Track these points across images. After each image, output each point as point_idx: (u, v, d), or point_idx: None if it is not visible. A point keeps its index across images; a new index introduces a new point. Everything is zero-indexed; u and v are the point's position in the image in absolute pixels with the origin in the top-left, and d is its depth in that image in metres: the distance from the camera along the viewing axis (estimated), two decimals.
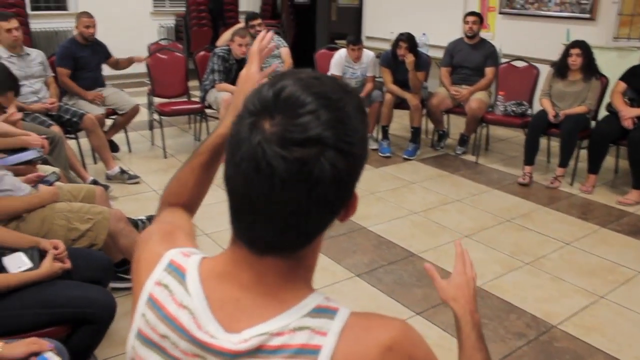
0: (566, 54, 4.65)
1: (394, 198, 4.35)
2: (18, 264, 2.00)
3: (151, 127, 5.59)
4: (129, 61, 5.31)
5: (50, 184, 2.70)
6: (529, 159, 4.73)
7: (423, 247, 3.53)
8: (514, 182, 4.74)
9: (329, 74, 5.55)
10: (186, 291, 0.81)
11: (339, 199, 0.76)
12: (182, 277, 0.83)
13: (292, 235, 0.76)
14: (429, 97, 5.44)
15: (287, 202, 0.72)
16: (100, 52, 5.03)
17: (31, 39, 7.05)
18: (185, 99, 5.53)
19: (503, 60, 5.62)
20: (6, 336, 1.74)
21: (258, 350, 0.75)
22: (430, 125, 5.78)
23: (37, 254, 2.07)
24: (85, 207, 2.63)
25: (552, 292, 3.08)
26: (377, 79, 5.63)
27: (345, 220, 0.81)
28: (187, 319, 0.79)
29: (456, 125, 5.93)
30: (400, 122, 6.16)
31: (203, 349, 0.78)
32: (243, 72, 1.17)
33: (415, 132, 5.36)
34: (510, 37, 6.25)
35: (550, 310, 2.90)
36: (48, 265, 1.99)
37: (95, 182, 4.06)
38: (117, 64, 5.25)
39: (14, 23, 4.23)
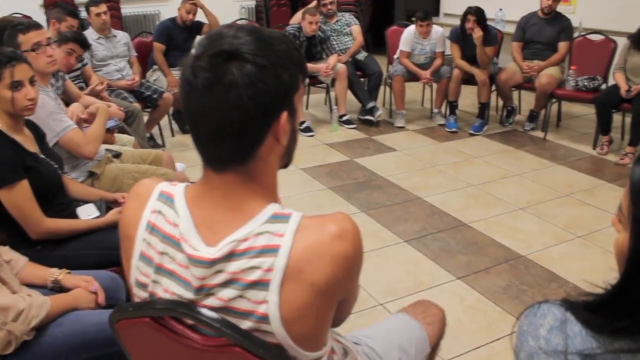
0: None
1: (453, 171, 4.40)
2: (87, 212, 2.31)
3: None
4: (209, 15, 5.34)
5: (111, 129, 3.11)
6: (604, 130, 4.68)
7: (475, 217, 3.58)
8: (581, 158, 4.64)
9: (398, 50, 5.62)
10: (176, 213, 1.00)
11: (259, 108, 0.90)
12: (172, 202, 1.02)
13: (228, 144, 0.92)
14: (499, 72, 5.37)
15: (212, 108, 0.89)
16: (194, 32, 5.26)
17: (121, 22, 7.57)
18: None
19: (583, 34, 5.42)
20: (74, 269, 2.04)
21: (230, 255, 0.93)
22: (500, 102, 5.71)
23: (104, 205, 2.38)
24: (152, 169, 2.92)
25: (600, 264, 3.06)
26: (446, 55, 5.63)
27: (281, 143, 0.95)
28: (178, 234, 0.99)
29: (527, 101, 5.82)
30: (471, 99, 6.11)
31: (188, 260, 0.97)
32: None
33: (482, 108, 5.33)
34: (593, 10, 6.00)
35: (595, 281, 2.86)
36: (112, 215, 2.28)
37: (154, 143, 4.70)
38: (210, 25, 5.32)
39: (102, 8, 4.64)
